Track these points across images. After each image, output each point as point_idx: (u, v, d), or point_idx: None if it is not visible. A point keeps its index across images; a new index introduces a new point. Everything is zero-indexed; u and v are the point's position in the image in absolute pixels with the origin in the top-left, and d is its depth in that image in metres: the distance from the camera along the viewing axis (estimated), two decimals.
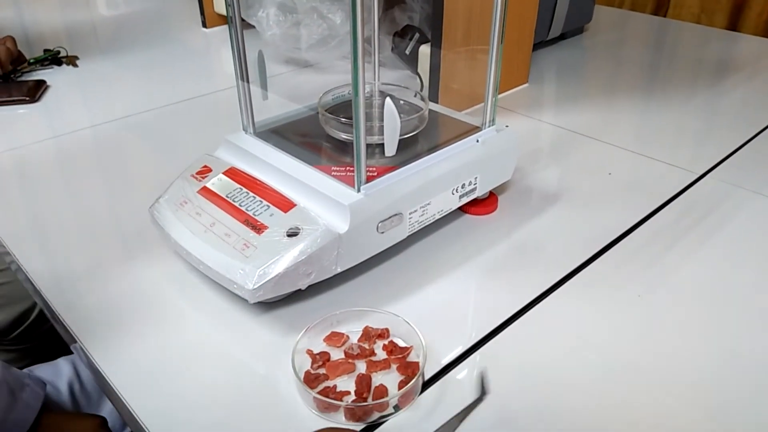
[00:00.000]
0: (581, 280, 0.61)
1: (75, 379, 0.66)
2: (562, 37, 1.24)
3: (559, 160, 0.84)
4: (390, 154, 0.61)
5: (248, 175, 0.61)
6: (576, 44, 1.25)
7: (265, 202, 0.58)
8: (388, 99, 0.59)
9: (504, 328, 0.55)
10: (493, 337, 0.54)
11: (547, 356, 0.53)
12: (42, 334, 0.91)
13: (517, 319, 0.56)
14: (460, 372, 0.51)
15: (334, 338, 0.52)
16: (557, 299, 0.59)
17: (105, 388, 0.52)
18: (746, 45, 1.28)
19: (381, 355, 0.52)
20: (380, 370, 0.50)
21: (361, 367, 0.51)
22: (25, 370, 0.67)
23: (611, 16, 1.44)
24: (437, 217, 0.64)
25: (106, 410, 0.66)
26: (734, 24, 1.69)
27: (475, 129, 0.67)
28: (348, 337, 0.53)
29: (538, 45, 1.15)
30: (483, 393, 0.47)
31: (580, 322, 0.56)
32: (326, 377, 0.49)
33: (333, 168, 0.60)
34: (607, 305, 0.58)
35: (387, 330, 0.53)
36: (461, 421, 0.44)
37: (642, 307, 0.58)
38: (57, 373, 0.67)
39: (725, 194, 0.75)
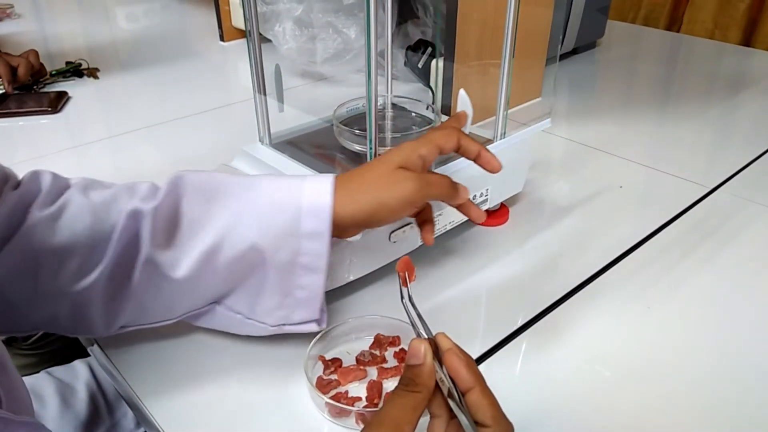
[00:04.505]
0: (591, 292, 0.61)
1: (92, 379, 0.68)
2: (574, 51, 1.25)
3: (571, 173, 0.85)
4: None
5: None
6: (588, 59, 1.26)
7: None
8: (462, 90, 0.60)
9: (513, 339, 0.56)
10: (503, 347, 0.55)
11: (556, 367, 0.53)
12: (59, 339, 0.92)
13: (527, 329, 0.57)
14: None
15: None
16: (567, 310, 0.59)
17: (121, 391, 0.53)
18: (760, 60, 1.28)
19: (392, 362, 0.52)
20: (391, 376, 0.51)
21: (373, 373, 0.51)
22: (42, 372, 0.68)
23: (624, 31, 1.45)
24: (449, 227, 0.65)
25: (122, 410, 0.67)
26: (748, 39, 1.69)
27: (487, 142, 0.68)
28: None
29: (551, 60, 1.16)
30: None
31: (590, 334, 0.56)
32: (338, 383, 0.50)
33: None
34: (617, 317, 0.59)
35: (398, 338, 0.54)
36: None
37: (652, 320, 0.58)
38: (74, 375, 0.68)
39: (737, 208, 0.75)
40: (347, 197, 0.48)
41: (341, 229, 0.49)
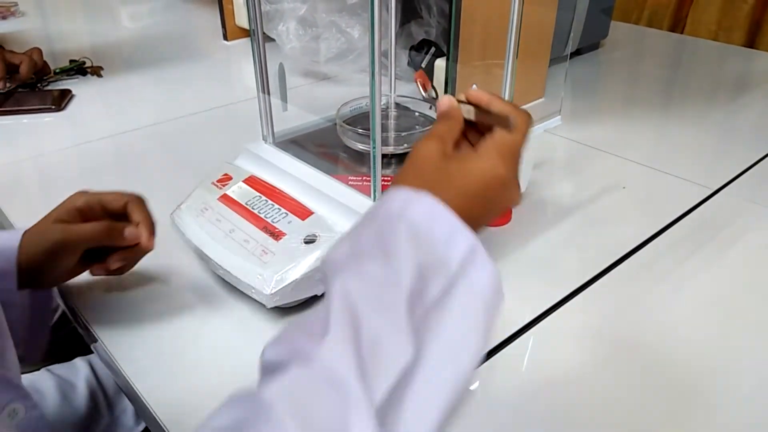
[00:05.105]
0: (593, 293, 0.61)
1: (92, 376, 0.68)
2: (578, 52, 1.25)
3: (574, 174, 0.85)
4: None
5: (267, 183, 0.63)
6: (592, 60, 1.26)
7: (283, 210, 0.59)
8: (474, 86, 0.60)
9: (515, 339, 0.56)
10: (504, 347, 0.55)
11: (558, 367, 0.53)
12: (60, 339, 0.93)
13: (528, 330, 0.57)
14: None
15: None
16: (569, 311, 0.59)
17: (123, 386, 0.53)
18: (764, 62, 1.28)
19: None
20: None
21: None
22: (42, 369, 0.68)
23: (627, 33, 1.44)
24: None
25: (122, 407, 0.67)
26: (752, 41, 1.68)
27: None
28: None
29: (554, 60, 1.16)
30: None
31: (591, 335, 0.56)
32: None
33: (350, 177, 0.61)
34: (619, 318, 0.58)
35: None
36: None
37: (654, 321, 0.58)
38: (74, 372, 0.68)
39: (740, 210, 0.75)
40: (33, 237, 0.52)
41: (36, 273, 0.52)
